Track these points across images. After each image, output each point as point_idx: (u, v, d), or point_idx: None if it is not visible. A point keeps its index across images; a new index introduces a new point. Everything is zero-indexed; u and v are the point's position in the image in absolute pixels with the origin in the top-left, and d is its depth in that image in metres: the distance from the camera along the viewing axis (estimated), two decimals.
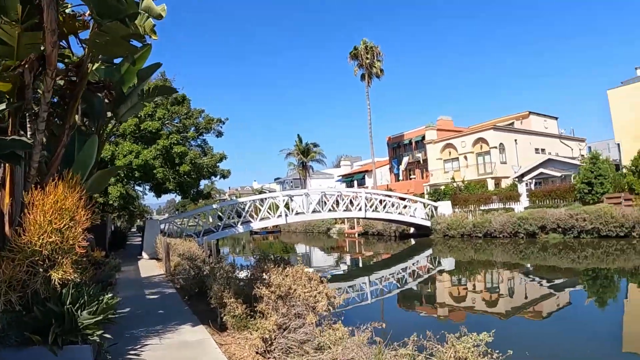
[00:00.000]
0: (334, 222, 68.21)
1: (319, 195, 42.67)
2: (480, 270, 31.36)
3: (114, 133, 29.63)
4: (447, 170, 67.00)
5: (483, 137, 62.49)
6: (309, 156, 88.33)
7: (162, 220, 35.89)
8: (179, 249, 22.35)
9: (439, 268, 33.95)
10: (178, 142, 30.91)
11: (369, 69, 67.20)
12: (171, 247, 22.15)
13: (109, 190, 29.11)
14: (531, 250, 35.65)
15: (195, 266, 16.54)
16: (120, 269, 22.07)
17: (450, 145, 67.22)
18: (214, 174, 37.57)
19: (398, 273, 32.78)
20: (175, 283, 18.37)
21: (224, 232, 36.67)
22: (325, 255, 50.80)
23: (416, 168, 74.41)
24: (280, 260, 11.89)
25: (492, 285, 26.73)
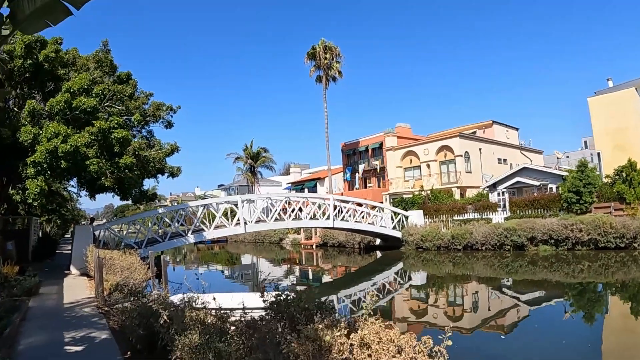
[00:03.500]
0: (287, 232, 63.29)
1: (282, 199, 37.37)
2: (463, 285, 28.86)
3: (39, 112, 23.36)
4: (408, 179, 63.54)
5: (448, 144, 59.55)
6: (259, 161, 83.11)
7: (95, 227, 29.11)
8: (117, 264, 17.62)
9: (413, 283, 31.13)
10: (120, 126, 24.11)
11: (326, 70, 63.03)
12: (106, 262, 15.65)
13: (27, 185, 22.22)
14: (519, 264, 32.56)
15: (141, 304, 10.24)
16: (37, 291, 17.59)
17: (412, 152, 63.74)
18: (161, 171, 31.00)
19: (367, 290, 29.03)
20: (111, 319, 12.67)
21: (171, 242, 30.82)
22: (278, 269, 45.07)
23: (372, 176, 70.17)
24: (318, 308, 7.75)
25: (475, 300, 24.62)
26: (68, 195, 56.40)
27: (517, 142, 72.74)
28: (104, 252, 18.85)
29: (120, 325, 11.40)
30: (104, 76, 27.66)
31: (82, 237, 26.57)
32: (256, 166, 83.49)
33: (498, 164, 62.24)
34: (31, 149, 22.28)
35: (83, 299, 16.03)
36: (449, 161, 59.05)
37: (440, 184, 58.16)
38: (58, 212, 55.52)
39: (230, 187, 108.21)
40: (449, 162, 59.18)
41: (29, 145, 22.20)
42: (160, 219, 31.78)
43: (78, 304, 15.20)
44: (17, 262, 23.55)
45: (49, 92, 25.43)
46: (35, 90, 25.85)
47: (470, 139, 60.86)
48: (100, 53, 29.29)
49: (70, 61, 27.29)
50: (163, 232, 32.05)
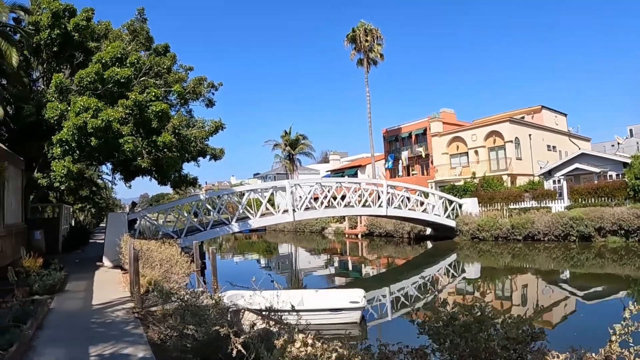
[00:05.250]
0: (330, 221, 59.82)
1: (333, 185, 34.26)
2: (521, 279, 26.71)
3: (67, 87, 20.85)
4: (455, 166, 59.75)
5: (497, 130, 55.89)
6: (297, 148, 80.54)
7: (130, 214, 26.56)
8: (155, 257, 15.07)
9: (467, 276, 28.70)
10: (157, 99, 21.16)
11: (367, 53, 59.74)
12: (142, 254, 12.91)
13: (52, 166, 19.57)
14: (585, 256, 30.08)
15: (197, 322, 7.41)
16: (62, 287, 15.33)
17: (459, 138, 60.10)
18: (202, 153, 28.13)
19: (419, 283, 27.03)
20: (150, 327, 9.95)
21: (213, 231, 28.10)
22: (318, 260, 42.70)
23: (416, 163, 66.54)
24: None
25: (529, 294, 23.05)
26: (103, 183, 54.72)
27: (565, 128, 68.76)
28: (140, 243, 16.22)
29: (162, 337, 8.66)
30: (140, 48, 25.13)
31: (115, 225, 24.14)
32: (294, 153, 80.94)
33: (547, 151, 58.75)
34: (58, 126, 19.74)
35: (115, 298, 13.35)
36: (499, 147, 55.59)
37: (489, 171, 54.63)
38: (92, 200, 53.82)
39: (267, 175, 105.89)
40: (498, 149, 55.73)
41: (55, 122, 19.76)
42: (201, 206, 29.12)
43: (109, 305, 12.53)
44: (46, 253, 22.39)
45: (78, 64, 23.03)
46: (64, 65, 23.69)
47: (520, 124, 57.30)
48: (135, 23, 26.83)
49: (102, 34, 24.92)
50: (202, 220, 29.50)
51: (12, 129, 23.84)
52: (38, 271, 15.58)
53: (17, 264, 16.75)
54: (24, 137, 23.15)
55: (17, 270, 15.22)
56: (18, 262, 16.98)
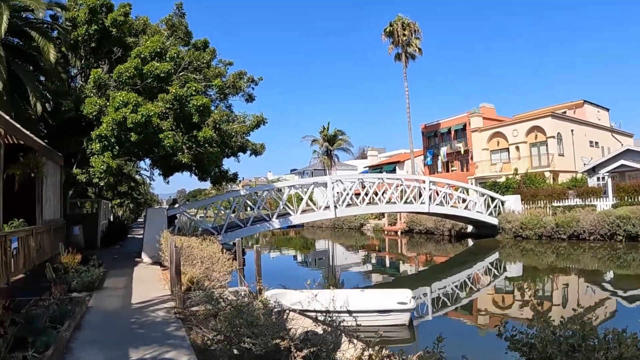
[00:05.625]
0: (368, 217, 59.03)
1: (375, 181, 33.53)
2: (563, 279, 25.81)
3: (105, 83, 20.67)
4: (495, 162, 58.45)
5: (539, 125, 54.30)
6: (335, 144, 79.49)
7: (170, 210, 26.45)
8: (196, 254, 14.70)
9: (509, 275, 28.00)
10: (198, 93, 20.84)
11: (405, 47, 58.97)
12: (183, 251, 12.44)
13: (92, 162, 19.49)
14: (632, 257, 28.87)
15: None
16: (100, 285, 15.18)
17: (499, 134, 58.56)
18: (242, 149, 27.55)
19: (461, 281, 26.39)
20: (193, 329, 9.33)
21: (254, 227, 27.73)
22: (355, 256, 41.88)
23: (455, 159, 65.54)
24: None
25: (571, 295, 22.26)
26: (141, 179, 54.89)
27: (607, 123, 66.91)
28: (181, 239, 15.82)
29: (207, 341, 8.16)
30: (178, 43, 24.78)
31: (155, 221, 23.93)
32: (332, 149, 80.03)
33: (590, 147, 57.37)
34: (97, 122, 19.67)
35: (155, 297, 12.96)
36: (540, 143, 54.09)
37: (531, 168, 53.21)
38: (130, 195, 54.00)
39: (304, 171, 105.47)
40: (539, 144, 54.20)
41: (94, 118, 19.72)
42: (241, 202, 28.60)
43: (149, 304, 12.14)
44: (85, 248, 23.25)
45: (116, 60, 22.93)
46: (102, 61, 23.72)
47: (562, 119, 55.81)
48: (173, 18, 26.49)
49: (140, 29, 24.91)
50: (240, 216, 29.11)
51: (50, 125, 23.84)
52: (76, 267, 15.40)
53: (55, 260, 16.55)
54: (63, 133, 23.10)
55: (55, 266, 15.08)
56: (56, 259, 16.75)
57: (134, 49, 21.42)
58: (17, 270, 13.11)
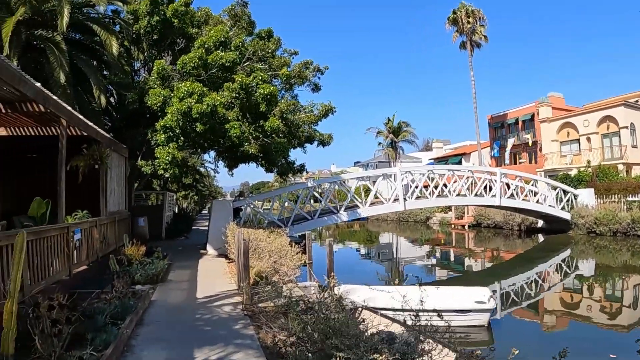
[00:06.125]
0: (435, 210, 57.52)
1: (445, 173, 32.37)
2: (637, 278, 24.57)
3: (169, 74, 20.45)
4: (565, 154, 56.11)
5: (611, 115, 51.62)
6: (400, 136, 78.15)
7: (235, 202, 26.16)
8: (263, 247, 14.14)
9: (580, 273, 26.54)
10: (264, 82, 20.04)
11: (470, 35, 57.54)
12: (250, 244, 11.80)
13: (156, 153, 19.22)
14: None
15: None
16: (164, 277, 14.75)
17: (569, 124, 56.17)
18: (309, 140, 26.72)
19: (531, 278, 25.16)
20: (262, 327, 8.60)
21: (321, 219, 26.98)
22: (420, 250, 40.92)
23: (523, 151, 63.22)
24: None
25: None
26: (205, 171, 55.10)
27: None
28: (248, 232, 15.24)
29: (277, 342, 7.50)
30: (241, 33, 24.24)
31: (220, 213, 23.57)
32: (397, 141, 78.75)
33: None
34: (161, 113, 19.37)
35: (221, 291, 12.39)
36: (612, 134, 51.62)
37: (603, 160, 50.85)
38: (195, 187, 54.28)
39: (368, 163, 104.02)
40: (612, 135, 51.70)
41: (158, 109, 19.37)
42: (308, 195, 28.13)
43: (215, 299, 11.58)
44: (150, 239, 23.28)
45: (179, 50, 22.74)
46: (165, 52, 23.48)
47: (635, 108, 52.95)
48: (236, 7, 26.15)
49: (202, 20, 24.64)
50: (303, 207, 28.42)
51: (115, 118, 24.08)
52: (140, 260, 15.16)
53: (119, 252, 16.36)
54: (127, 125, 23.14)
55: (119, 258, 14.85)
56: (121, 250, 16.58)
57: (196, 40, 21.12)
58: (80, 262, 12.94)
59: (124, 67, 23.63)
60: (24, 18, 17.13)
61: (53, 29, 17.66)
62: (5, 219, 15.79)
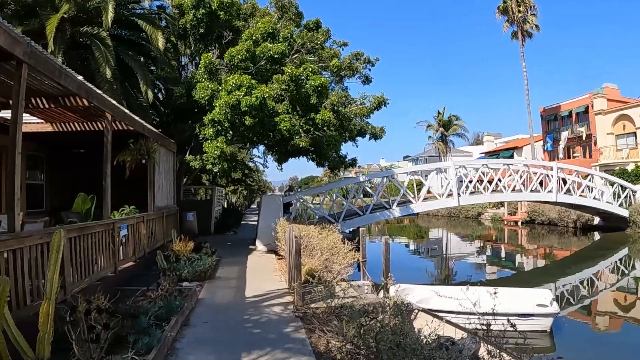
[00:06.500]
0: (487, 206, 55.72)
1: (499, 167, 31.12)
2: None
3: (216, 67, 20.30)
4: (621, 148, 53.94)
5: None
6: (450, 129, 77.00)
7: (285, 197, 25.63)
8: (314, 244, 13.57)
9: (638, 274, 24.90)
10: (314, 73, 19.45)
11: (521, 24, 55.83)
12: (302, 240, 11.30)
13: (205, 147, 18.87)
14: None
15: None
16: (213, 274, 14.37)
17: (625, 116, 53.82)
18: (361, 133, 25.87)
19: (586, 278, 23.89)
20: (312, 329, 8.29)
21: (373, 215, 26.01)
22: (469, 247, 39.92)
23: (577, 145, 61.04)
24: None
25: None
26: (254, 166, 55.02)
27: None
28: (299, 228, 14.70)
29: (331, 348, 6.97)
30: (289, 25, 23.75)
31: (270, 208, 23.20)
32: (447, 135, 77.68)
33: None
34: (209, 107, 19.08)
35: (271, 290, 11.95)
36: None
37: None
38: (244, 182, 54.23)
39: (418, 157, 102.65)
40: None
41: (206, 103, 19.10)
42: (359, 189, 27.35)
43: (264, 298, 11.12)
44: (199, 234, 23.42)
45: (226, 43, 22.30)
46: (212, 45, 23.18)
47: None
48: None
49: (249, 12, 24.25)
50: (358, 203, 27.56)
51: (162, 113, 24.10)
52: (188, 255, 14.95)
53: (167, 247, 16.20)
54: (175, 120, 23.12)
55: (166, 254, 14.73)
56: (168, 246, 16.40)
57: (243, 32, 20.74)
58: (127, 259, 12.78)
59: (171, 61, 23.68)
60: (69, 16, 17.32)
61: (98, 26, 17.75)
62: (53, 214, 15.88)
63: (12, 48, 6.85)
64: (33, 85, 9.54)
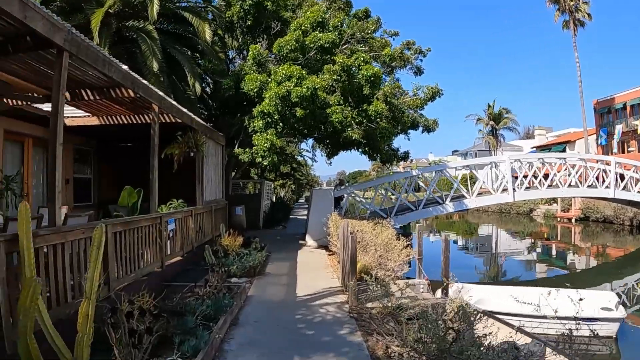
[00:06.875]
0: (539, 202, 54.05)
1: (555, 161, 29.65)
2: None
3: (265, 59, 19.72)
4: None
5: None
6: (501, 123, 75.38)
7: (336, 191, 24.96)
8: (368, 239, 12.85)
9: None
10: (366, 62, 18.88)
11: (572, 13, 53.93)
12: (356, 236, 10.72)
13: (254, 140, 18.45)
14: None
15: None
16: (262, 270, 13.93)
17: None
18: (414, 125, 25.26)
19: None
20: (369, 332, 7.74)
21: (425, 210, 25.22)
22: (519, 244, 38.77)
23: (632, 139, 58.29)
24: None
25: None
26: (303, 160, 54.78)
27: None
28: (352, 223, 14.17)
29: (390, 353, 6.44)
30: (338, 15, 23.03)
31: (320, 202, 22.55)
32: (498, 128, 76.53)
33: None
34: (258, 99, 18.63)
35: (323, 288, 11.46)
36: None
37: None
38: (292, 176, 54.03)
39: (467, 152, 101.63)
40: None
41: (255, 94, 18.64)
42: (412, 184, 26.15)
43: (316, 297, 10.65)
44: (247, 228, 23.52)
45: (274, 34, 22.00)
46: (260, 37, 22.86)
47: None
48: None
49: (297, 3, 23.86)
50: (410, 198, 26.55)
51: (210, 106, 24.05)
52: (237, 251, 14.58)
53: (215, 242, 15.83)
54: (224, 113, 22.95)
55: (214, 249, 14.41)
56: (217, 241, 16.02)
57: (291, 23, 20.30)
58: (174, 253, 12.52)
59: (218, 54, 23.40)
60: (114, 10, 17.44)
61: (144, 20, 17.74)
62: (102, 208, 15.73)
63: (52, 35, 6.53)
64: (77, 76, 9.35)
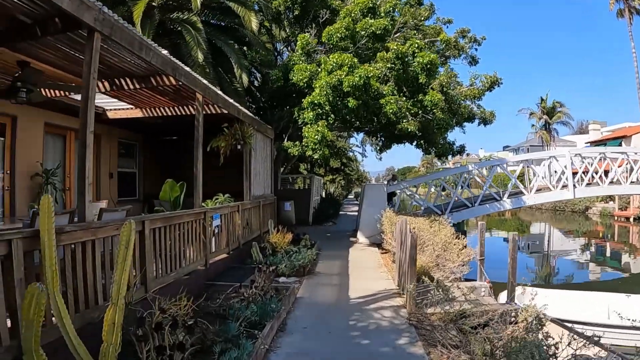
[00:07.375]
0: (595, 200, 51.88)
1: (619, 156, 27.73)
2: None
3: (314, 49, 19.42)
4: None
5: None
6: (554, 117, 73.15)
7: (389, 186, 23.81)
8: (425, 238, 12.35)
9: None
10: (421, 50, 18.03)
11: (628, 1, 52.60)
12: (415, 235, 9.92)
13: (304, 132, 17.78)
14: None
15: None
16: (312, 269, 13.27)
17: None
18: (470, 117, 23.81)
19: None
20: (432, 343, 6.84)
21: (482, 207, 24.26)
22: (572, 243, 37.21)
23: None
24: None
25: None
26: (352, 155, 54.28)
27: None
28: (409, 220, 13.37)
29: None
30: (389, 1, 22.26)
31: (373, 198, 21.76)
32: (551, 123, 74.27)
33: None
34: (308, 89, 18.04)
35: (378, 290, 10.62)
36: None
37: None
38: (342, 171, 53.49)
39: (519, 147, 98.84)
40: None
41: (304, 85, 18.03)
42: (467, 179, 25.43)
43: (371, 299, 9.87)
44: (296, 224, 23.02)
45: (323, 23, 21.26)
46: (308, 27, 22.18)
47: None
48: None
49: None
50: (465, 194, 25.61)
51: (258, 98, 23.51)
52: (286, 248, 13.98)
53: (263, 239, 15.33)
54: (272, 105, 22.42)
55: (262, 246, 13.87)
56: (265, 237, 15.51)
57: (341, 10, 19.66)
58: (219, 251, 11.90)
59: (266, 44, 23.16)
60: (158, 3, 17.19)
61: (188, 11, 17.43)
62: (147, 202, 15.33)
63: (80, 14, 5.98)
64: (114, 63, 8.88)
